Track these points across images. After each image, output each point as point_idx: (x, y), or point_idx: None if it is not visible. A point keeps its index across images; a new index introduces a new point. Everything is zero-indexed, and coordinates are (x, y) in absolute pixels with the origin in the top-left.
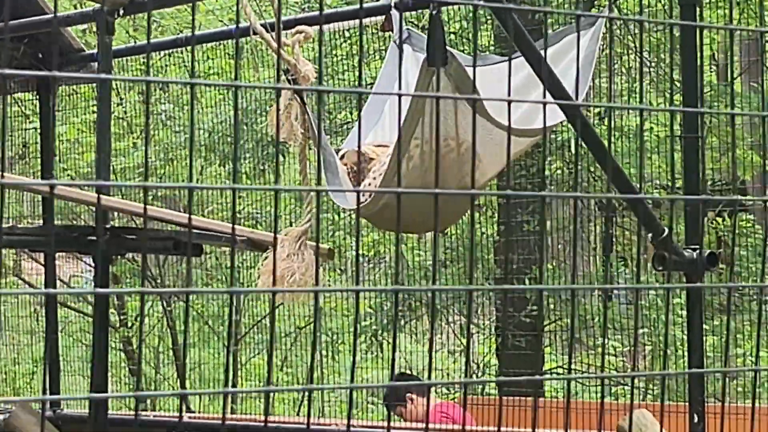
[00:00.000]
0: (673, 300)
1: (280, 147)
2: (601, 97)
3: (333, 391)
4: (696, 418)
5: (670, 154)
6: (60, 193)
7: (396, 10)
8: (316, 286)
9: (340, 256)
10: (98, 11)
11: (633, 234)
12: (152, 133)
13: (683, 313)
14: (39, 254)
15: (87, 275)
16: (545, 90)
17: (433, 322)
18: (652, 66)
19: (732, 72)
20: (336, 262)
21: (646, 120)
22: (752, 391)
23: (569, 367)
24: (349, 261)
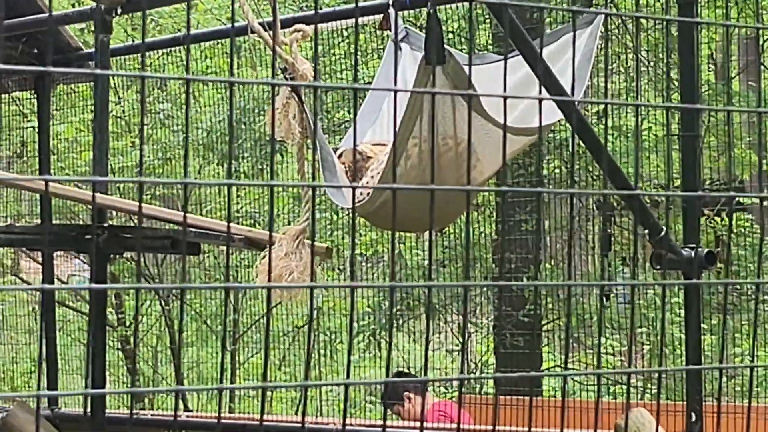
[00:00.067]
0: (672, 299)
1: (279, 146)
2: (599, 96)
3: (331, 391)
4: (693, 417)
5: (668, 153)
6: (56, 191)
7: (393, 8)
8: (312, 282)
9: (338, 256)
10: (96, 10)
11: (631, 233)
12: (150, 132)
13: (682, 313)
14: (37, 253)
15: (86, 274)
16: (541, 86)
17: (429, 319)
18: (650, 65)
19: (729, 69)
20: (334, 262)
21: (644, 119)
22: (749, 389)
23: (565, 363)
24: (348, 260)
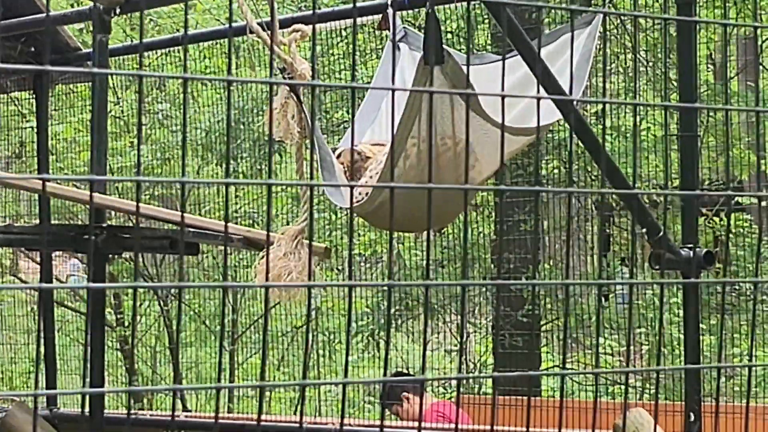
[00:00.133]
0: (670, 299)
1: (277, 146)
2: (597, 96)
3: (329, 390)
4: (692, 417)
5: (666, 153)
6: (54, 191)
7: (392, 8)
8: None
9: (337, 256)
10: (94, 10)
11: (630, 233)
12: (149, 132)
13: (680, 313)
14: (36, 253)
15: (85, 274)
16: (539, 85)
17: (427, 319)
18: (649, 65)
19: (727, 69)
20: (333, 262)
21: (642, 119)
22: (747, 388)
23: (563, 363)
24: (347, 260)
